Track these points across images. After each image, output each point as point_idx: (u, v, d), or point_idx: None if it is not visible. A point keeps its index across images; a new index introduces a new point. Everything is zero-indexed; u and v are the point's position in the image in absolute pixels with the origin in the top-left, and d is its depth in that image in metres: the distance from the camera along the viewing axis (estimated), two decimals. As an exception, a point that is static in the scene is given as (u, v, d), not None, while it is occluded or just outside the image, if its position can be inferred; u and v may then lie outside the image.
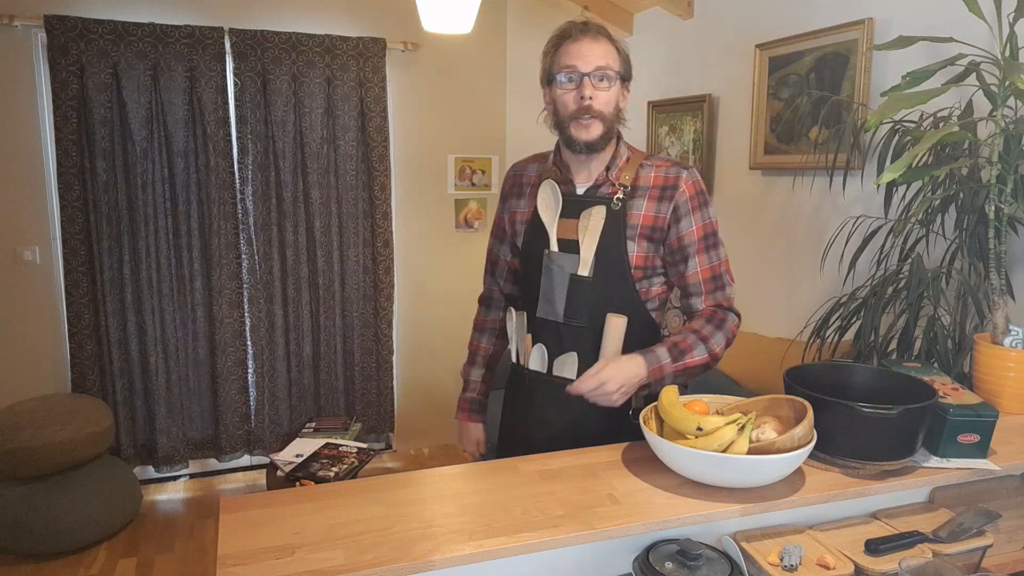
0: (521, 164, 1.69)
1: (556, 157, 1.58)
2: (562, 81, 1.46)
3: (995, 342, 1.60)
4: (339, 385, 3.99)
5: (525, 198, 1.62)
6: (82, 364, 3.46)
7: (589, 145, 1.47)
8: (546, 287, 1.54)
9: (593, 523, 1.10)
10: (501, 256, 1.74)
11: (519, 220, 1.63)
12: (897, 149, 1.99)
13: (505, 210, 1.68)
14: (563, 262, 1.51)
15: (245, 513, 1.13)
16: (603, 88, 1.45)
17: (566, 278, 1.51)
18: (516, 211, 1.64)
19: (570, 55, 1.45)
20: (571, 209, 1.53)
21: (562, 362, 1.55)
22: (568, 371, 1.54)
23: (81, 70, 3.26)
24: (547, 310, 1.55)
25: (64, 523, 2.95)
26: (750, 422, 1.21)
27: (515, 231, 1.64)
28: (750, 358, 2.61)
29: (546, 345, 1.57)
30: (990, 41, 1.83)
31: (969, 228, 1.83)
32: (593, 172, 1.54)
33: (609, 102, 1.46)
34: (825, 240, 2.44)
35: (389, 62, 3.81)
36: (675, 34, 3.27)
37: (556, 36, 1.50)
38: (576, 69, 1.44)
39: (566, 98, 1.46)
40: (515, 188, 1.66)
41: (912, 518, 1.30)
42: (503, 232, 1.71)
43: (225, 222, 3.60)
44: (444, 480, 1.26)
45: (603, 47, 1.46)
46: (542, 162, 1.63)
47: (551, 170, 1.57)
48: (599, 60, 1.44)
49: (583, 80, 1.44)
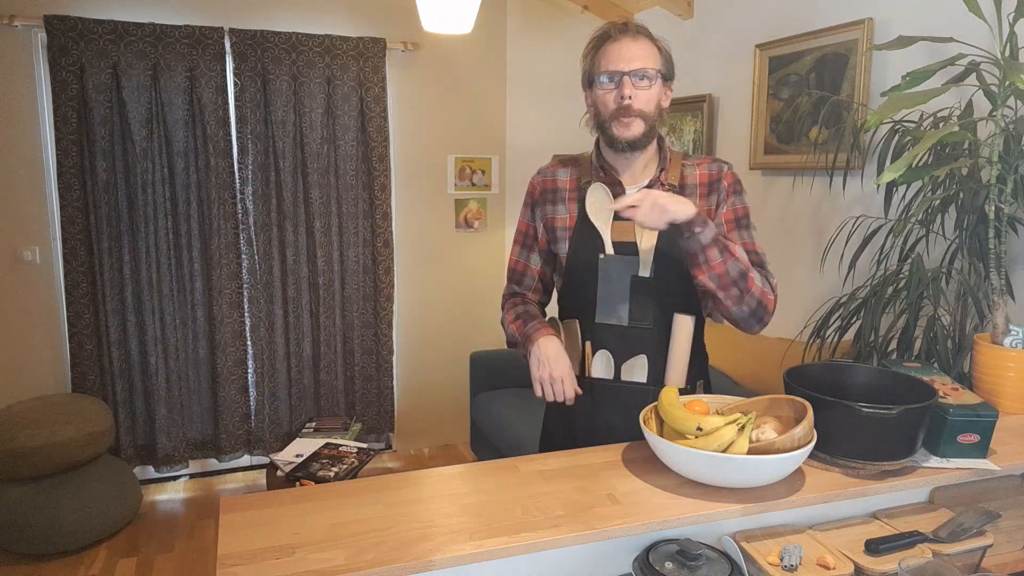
0: (549, 169, 1.63)
1: (599, 159, 1.55)
2: (603, 82, 1.45)
3: (995, 342, 1.60)
4: (339, 385, 3.99)
5: (564, 203, 1.58)
6: (82, 364, 3.46)
7: (632, 143, 1.45)
8: (605, 292, 1.51)
9: (593, 523, 1.10)
10: (531, 266, 1.66)
11: (559, 227, 1.58)
12: (897, 149, 1.99)
13: (537, 218, 1.62)
14: (622, 265, 1.49)
15: (245, 513, 1.13)
16: (643, 87, 1.43)
17: (627, 281, 1.49)
18: (555, 217, 1.58)
19: (609, 56, 1.44)
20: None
21: (631, 366, 1.53)
22: (638, 375, 1.52)
23: (81, 70, 3.26)
24: (608, 315, 1.52)
25: (64, 523, 2.95)
26: (750, 422, 1.22)
27: (555, 238, 1.59)
28: (750, 358, 2.61)
29: (611, 351, 1.54)
30: (990, 41, 1.83)
31: (969, 228, 1.83)
32: (638, 172, 1.53)
33: (650, 101, 1.45)
34: (825, 240, 2.44)
35: (389, 62, 3.81)
36: (675, 34, 3.27)
37: (596, 38, 1.49)
38: (617, 70, 1.43)
39: (606, 98, 1.45)
40: (548, 194, 1.60)
41: (912, 518, 1.30)
42: (533, 241, 1.64)
43: (225, 222, 3.60)
44: (444, 480, 1.25)
45: (643, 46, 1.44)
46: (574, 166, 1.60)
47: (596, 172, 1.55)
48: (639, 60, 1.43)
49: (623, 80, 1.42)
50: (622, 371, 1.54)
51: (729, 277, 1.39)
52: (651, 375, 1.51)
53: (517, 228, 1.68)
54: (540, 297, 1.71)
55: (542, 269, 1.66)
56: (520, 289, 1.69)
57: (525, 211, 1.66)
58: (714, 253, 1.37)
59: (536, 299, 1.70)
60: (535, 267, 1.66)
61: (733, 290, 1.40)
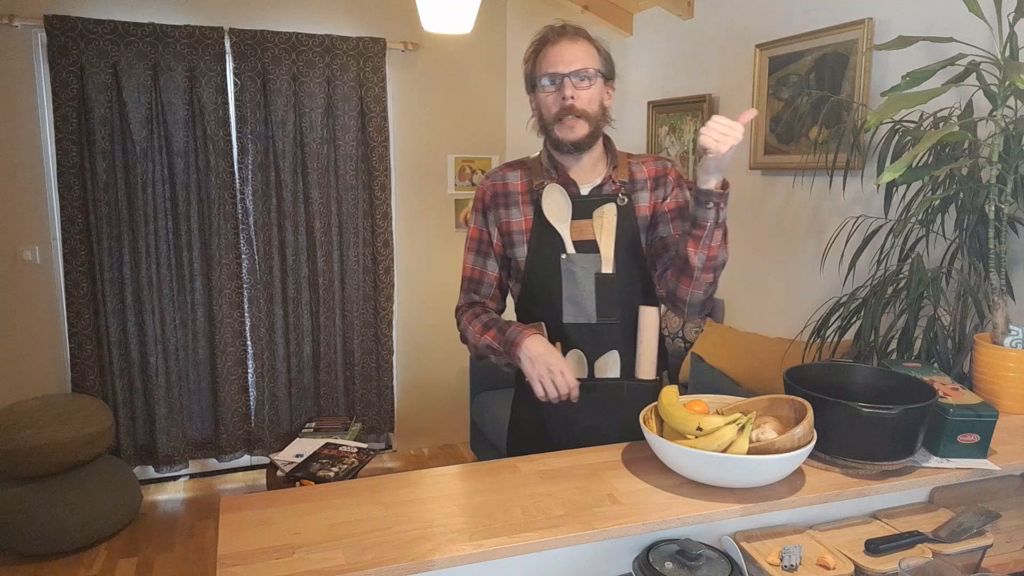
0: (498, 173, 1.62)
1: (550, 160, 1.56)
2: (544, 85, 1.49)
3: (995, 342, 1.60)
4: (339, 385, 3.99)
5: (517, 206, 1.57)
6: (82, 364, 3.46)
7: (576, 144, 1.49)
8: (571, 291, 1.52)
9: (593, 523, 1.10)
10: (488, 272, 1.64)
11: (515, 230, 1.57)
12: (897, 149, 1.99)
13: (490, 223, 1.61)
14: (585, 263, 1.51)
15: (245, 513, 1.13)
16: (584, 88, 1.47)
17: (591, 278, 1.51)
18: (509, 220, 1.58)
19: (549, 59, 1.48)
20: (581, 210, 1.53)
21: (603, 363, 1.54)
22: (611, 371, 1.53)
23: (81, 70, 3.26)
24: (577, 314, 1.53)
25: (64, 523, 2.95)
26: (750, 422, 1.22)
27: (511, 241, 1.58)
28: (750, 358, 2.61)
29: (583, 350, 1.54)
30: (990, 41, 1.83)
31: (969, 228, 1.83)
32: (589, 171, 1.55)
33: (592, 101, 1.48)
34: (825, 240, 2.44)
35: (389, 62, 3.81)
36: (675, 34, 3.27)
37: (535, 43, 1.52)
38: (557, 71, 1.46)
39: (548, 101, 1.49)
40: (500, 198, 1.59)
41: (912, 518, 1.30)
42: (487, 247, 1.62)
43: (225, 222, 3.60)
44: (444, 480, 1.25)
45: (582, 47, 1.48)
46: (523, 168, 1.60)
47: (547, 174, 1.56)
48: (579, 61, 1.46)
49: (564, 81, 1.46)
50: (595, 368, 1.55)
51: (715, 261, 1.41)
52: (623, 370, 1.54)
53: (468, 236, 1.65)
54: (497, 304, 1.67)
55: (499, 275, 1.65)
56: (479, 298, 1.66)
57: (476, 217, 1.63)
58: (719, 235, 1.38)
59: (494, 307, 1.66)
60: (492, 273, 1.64)
61: (709, 275, 1.42)
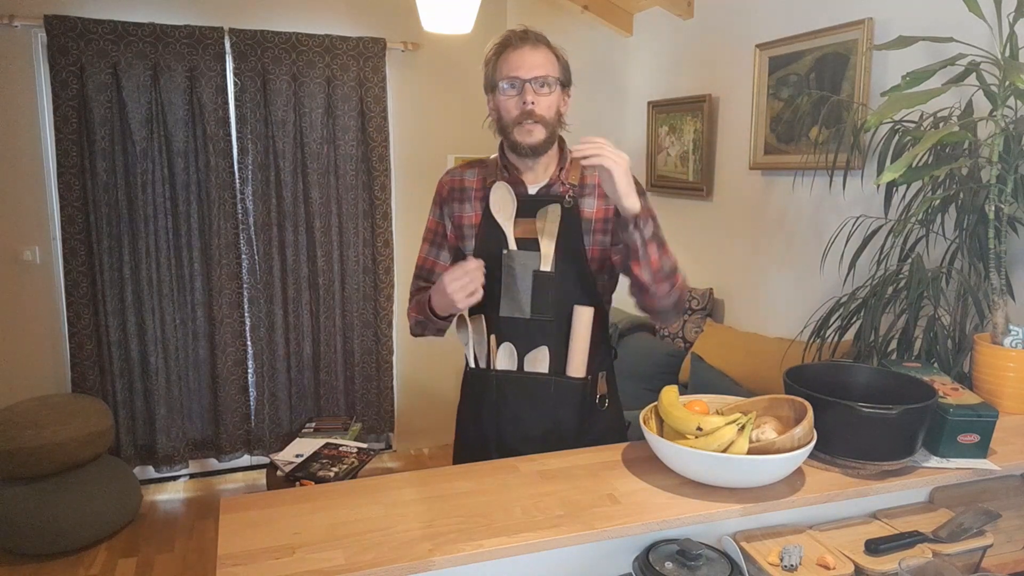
0: (458, 171, 1.71)
1: (503, 160, 1.62)
2: (505, 88, 1.52)
3: (995, 342, 1.60)
4: (339, 385, 3.99)
5: (470, 202, 1.65)
6: (82, 364, 3.46)
7: (533, 149, 1.52)
8: (509, 286, 1.57)
9: (593, 523, 1.10)
10: (439, 262, 1.73)
11: (466, 224, 1.64)
12: (897, 149, 1.99)
13: (445, 216, 1.69)
14: (524, 260, 1.55)
15: (245, 513, 1.13)
16: (544, 94, 1.51)
17: (529, 275, 1.55)
18: (462, 215, 1.65)
19: (511, 63, 1.51)
20: (526, 209, 1.57)
21: (533, 358, 1.58)
22: (540, 366, 1.58)
23: (81, 70, 3.26)
24: (512, 308, 1.58)
25: (64, 523, 2.95)
26: (750, 422, 1.21)
27: (462, 235, 1.65)
28: (750, 358, 2.61)
29: (514, 343, 1.59)
30: (990, 41, 1.83)
31: (969, 228, 1.82)
32: (541, 173, 1.60)
33: (550, 107, 1.52)
34: (825, 240, 2.44)
35: (389, 62, 3.81)
36: (675, 34, 3.27)
37: (497, 45, 1.56)
38: (518, 76, 1.50)
39: (508, 104, 1.52)
40: (456, 193, 1.67)
41: (912, 518, 1.30)
42: (442, 239, 1.70)
43: (225, 222, 3.60)
44: (444, 480, 1.25)
45: (543, 55, 1.52)
46: (481, 167, 1.66)
47: (500, 173, 1.61)
48: (540, 68, 1.50)
49: (524, 87, 1.49)
50: (525, 362, 1.59)
51: (663, 272, 1.44)
52: (552, 366, 1.57)
53: (427, 227, 1.74)
54: None
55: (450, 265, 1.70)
56: (427, 285, 1.73)
57: (434, 209, 1.71)
58: (652, 248, 1.42)
59: None
60: (444, 263, 1.72)
61: (664, 284, 1.45)
